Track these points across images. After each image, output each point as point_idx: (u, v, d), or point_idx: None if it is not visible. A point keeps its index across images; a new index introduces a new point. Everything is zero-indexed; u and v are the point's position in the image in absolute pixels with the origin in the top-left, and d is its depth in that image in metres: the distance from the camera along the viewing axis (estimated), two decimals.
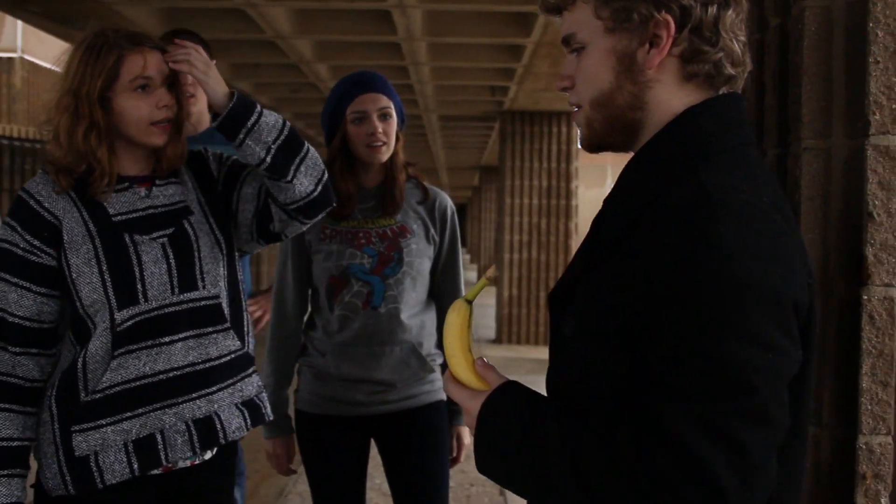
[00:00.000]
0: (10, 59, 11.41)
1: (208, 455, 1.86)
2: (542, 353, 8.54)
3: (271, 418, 1.97)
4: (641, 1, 1.07)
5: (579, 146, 10.32)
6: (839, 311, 1.38)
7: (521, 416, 1.08)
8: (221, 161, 1.95)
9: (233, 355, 1.86)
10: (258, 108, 1.82)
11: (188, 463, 1.82)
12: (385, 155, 2.28)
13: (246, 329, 1.91)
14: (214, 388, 1.82)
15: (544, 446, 1.02)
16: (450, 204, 2.43)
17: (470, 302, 1.20)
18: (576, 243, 10.06)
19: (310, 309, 2.43)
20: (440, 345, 2.39)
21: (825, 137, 1.40)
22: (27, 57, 10.49)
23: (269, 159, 1.80)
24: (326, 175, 1.92)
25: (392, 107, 2.29)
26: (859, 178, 1.36)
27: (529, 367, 7.96)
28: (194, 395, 1.80)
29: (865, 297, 1.34)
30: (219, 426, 1.82)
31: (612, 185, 1.16)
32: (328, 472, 2.35)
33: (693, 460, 0.93)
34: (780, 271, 0.98)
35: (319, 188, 1.89)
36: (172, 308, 1.78)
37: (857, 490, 1.34)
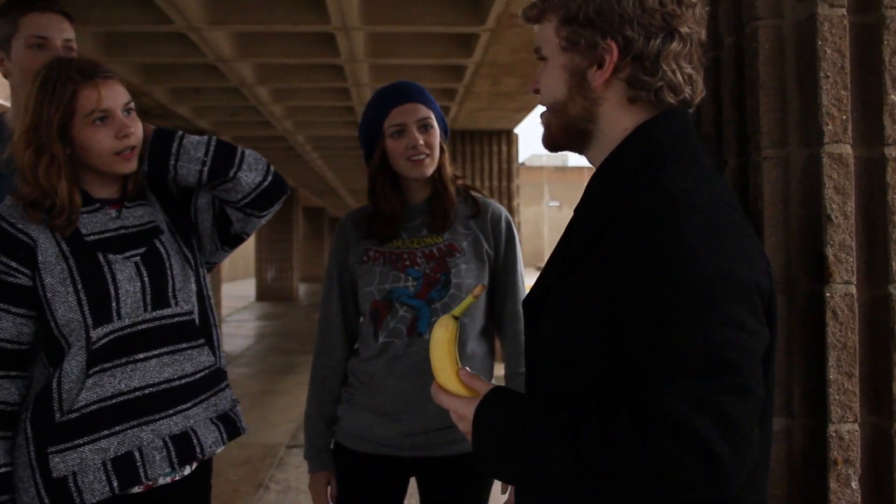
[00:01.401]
0: None
1: (187, 471, 1.86)
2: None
3: (246, 431, 1.98)
4: (590, 28, 1.19)
5: (520, 162, 10.43)
6: (804, 308, 1.45)
7: (517, 415, 1.14)
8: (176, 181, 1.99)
9: (207, 371, 1.88)
10: (178, 132, 1.88)
11: (168, 479, 1.83)
12: (429, 168, 2.10)
13: (216, 343, 1.93)
14: (189, 404, 1.84)
15: (543, 440, 1.08)
16: (504, 214, 2.21)
17: (457, 318, 1.27)
18: (518, 259, 10.12)
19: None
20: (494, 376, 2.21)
21: (782, 147, 1.48)
22: None
23: (206, 170, 1.86)
24: (272, 167, 1.95)
25: (433, 116, 2.12)
26: (816, 184, 1.44)
27: None
28: (171, 411, 1.81)
29: (828, 295, 1.41)
30: (195, 441, 1.83)
31: (548, 203, 1.26)
32: None
33: (690, 434, 1.01)
34: (743, 262, 1.09)
35: (269, 178, 1.94)
36: (145, 325, 1.79)
37: (829, 475, 1.40)
